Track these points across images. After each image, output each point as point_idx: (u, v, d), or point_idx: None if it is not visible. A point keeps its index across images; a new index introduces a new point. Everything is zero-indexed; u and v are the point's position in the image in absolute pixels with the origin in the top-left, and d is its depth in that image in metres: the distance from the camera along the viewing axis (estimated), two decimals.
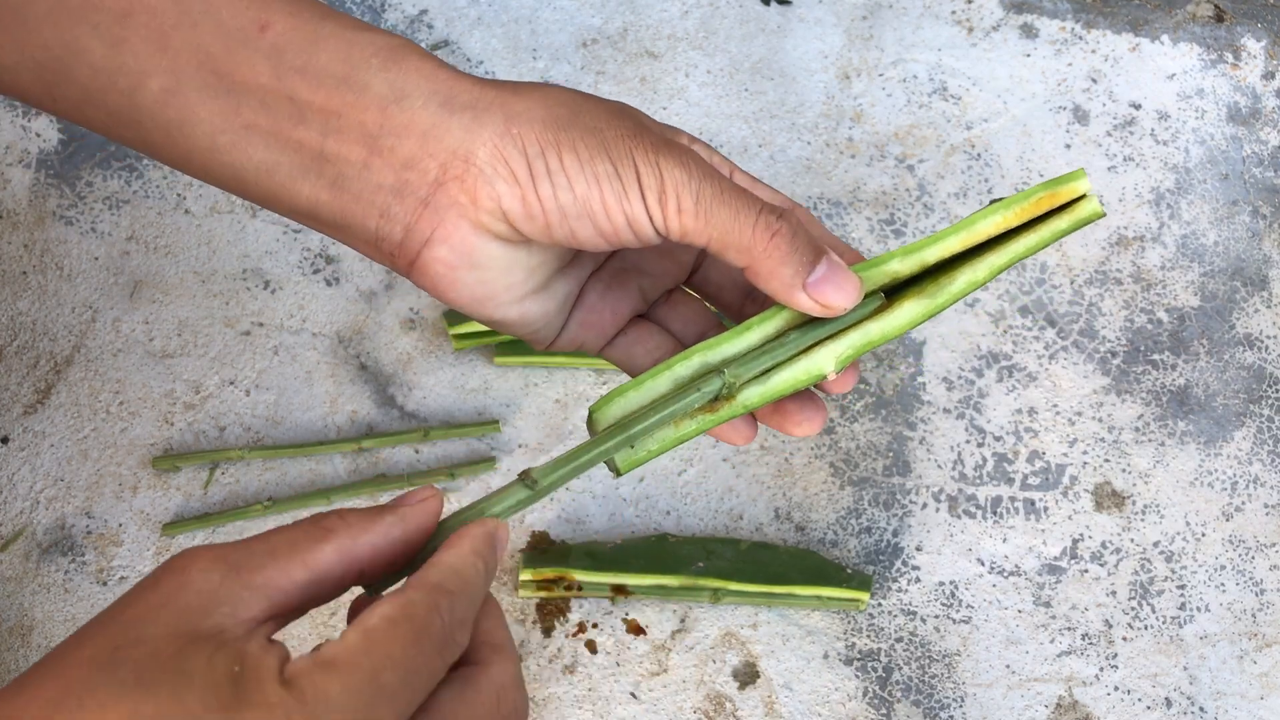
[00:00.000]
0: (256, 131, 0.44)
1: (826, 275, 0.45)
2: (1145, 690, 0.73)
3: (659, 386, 0.48)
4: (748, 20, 0.89)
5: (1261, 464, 0.78)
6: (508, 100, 0.43)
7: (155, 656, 0.35)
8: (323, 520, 0.39)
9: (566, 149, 0.43)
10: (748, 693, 0.72)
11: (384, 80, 0.43)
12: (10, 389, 0.77)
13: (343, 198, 0.44)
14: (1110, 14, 0.91)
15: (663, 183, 0.43)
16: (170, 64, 0.44)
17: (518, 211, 0.43)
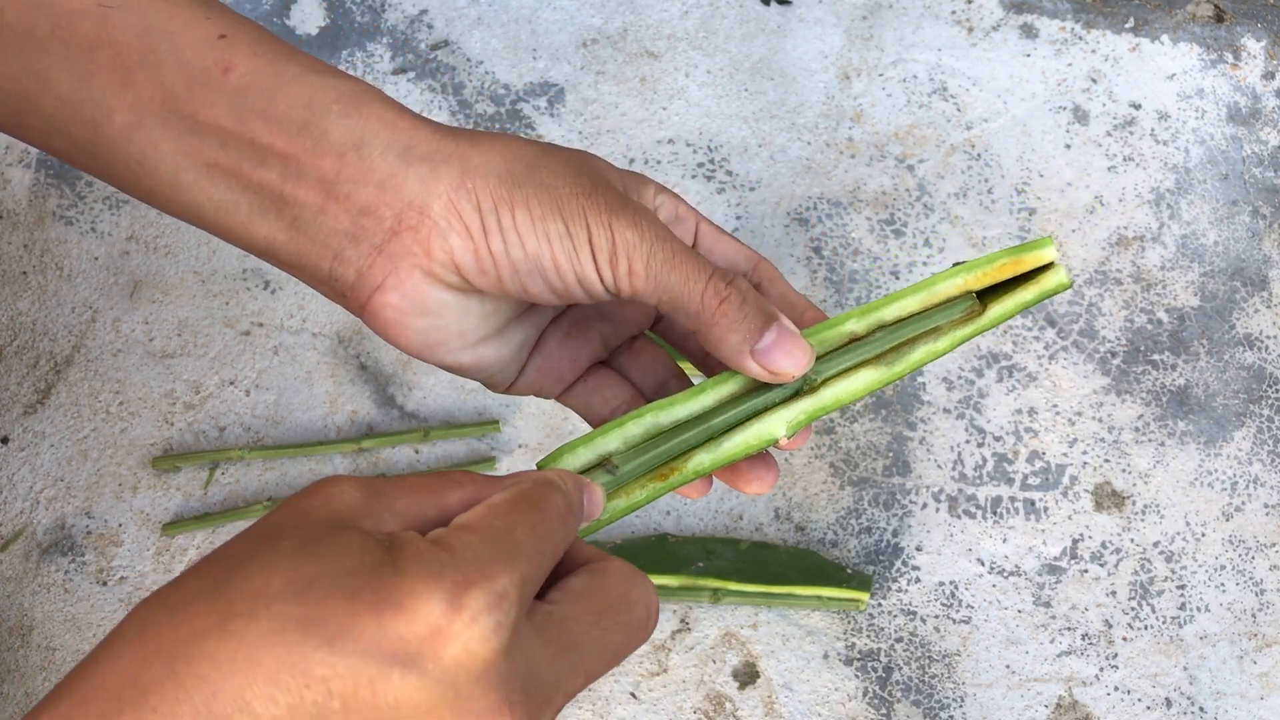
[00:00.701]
0: (217, 170, 0.45)
1: (776, 342, 0.45)
2: (1145, 690, 0.73)
3: (609, 444, 0.48)
4: (748, 20, 0.89)
5: (1261, 464, 0.78)
6: (466, 153, 0.44)
7: (314, 532, 0.37)
8: (453, 474, 0.41)
9: (519, 205, 0.43)
10: (748, 693, 0.72)
11: (343, 127, 0.44)
12: (10, 389, 0.77)
13: (298, 239, 0.45)
14: (1110, 14, 0.91)
15: (614, 244, 0.44)
16: (134, 100, 0.45)
17: (470, 265, 0.44)
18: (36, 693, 0.71)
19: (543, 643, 0.38)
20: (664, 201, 0.48)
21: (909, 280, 0.82)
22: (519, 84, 0.87)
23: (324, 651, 0.35)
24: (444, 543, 0.37)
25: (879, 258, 0.83)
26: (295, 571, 0.36)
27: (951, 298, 0.49)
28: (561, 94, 0.86)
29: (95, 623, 0.72)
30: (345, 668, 0.35)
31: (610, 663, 0.40)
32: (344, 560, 0.36)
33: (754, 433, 0.48)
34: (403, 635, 0.35)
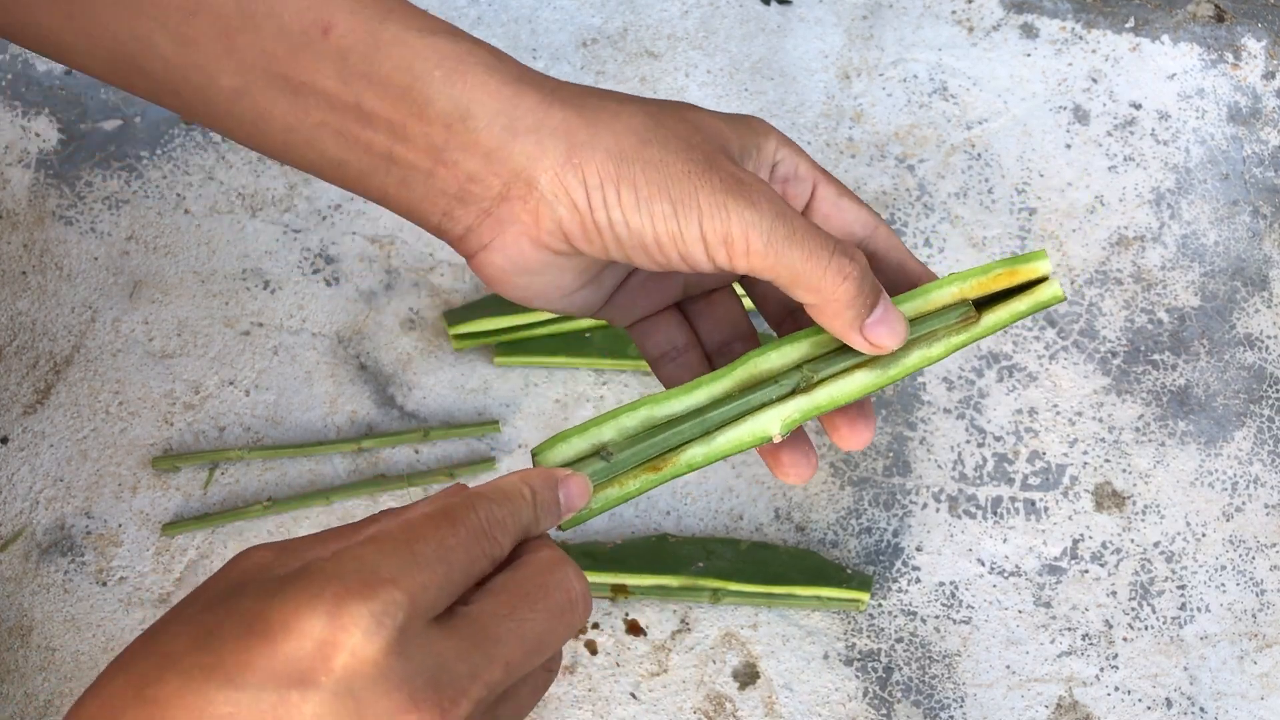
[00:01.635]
0: (326, 130, 0.45)
1: (881, 318, 0.46)
2: (1145, 690, 0.73)
3: (603, 434, 0.48)
4: (748, 20, 0.89)
5: (1262, 464, 0.78)
6: (572, 126, 0.43)
7: (219, 591, 0.38)
8: (377, 514, 0.42)
9: (626, 184, 0.43)
10: (748, 693, 0.72)
11: (447, 96, 0.43)
12: (10, 389, 0.77)
13: (409, 196, 0.45)
14: (1110, 14, 0.91)
15: (729, 224, 0.43)
16: (237, 65, 0.44)
17: (577, 234, 0.44)
18: (36, 693, 0.71)
19: (454, 639, 0.38)
20: (784, 156, 0.48)
21: None
22: None
23: (226, 690, 0.36)
24: (338, 557, 0.38)
25: None
26: (198, 628, 0.37)
27: (947, 305, 0.50)
28: None
29: (95, 623, 0.72)
30: (248, 701, 0.36)
31: (533, 651, 0.39)
32: (241, 605, 0.37)
33: (747, 429, 0.49)
34: (292, 656, 0.36)
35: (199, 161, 0.83)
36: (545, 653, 0.40)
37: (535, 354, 0.78)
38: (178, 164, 0.83)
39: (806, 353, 0.49)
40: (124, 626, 0.72)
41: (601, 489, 0.48)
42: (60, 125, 0.84)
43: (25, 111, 0.84)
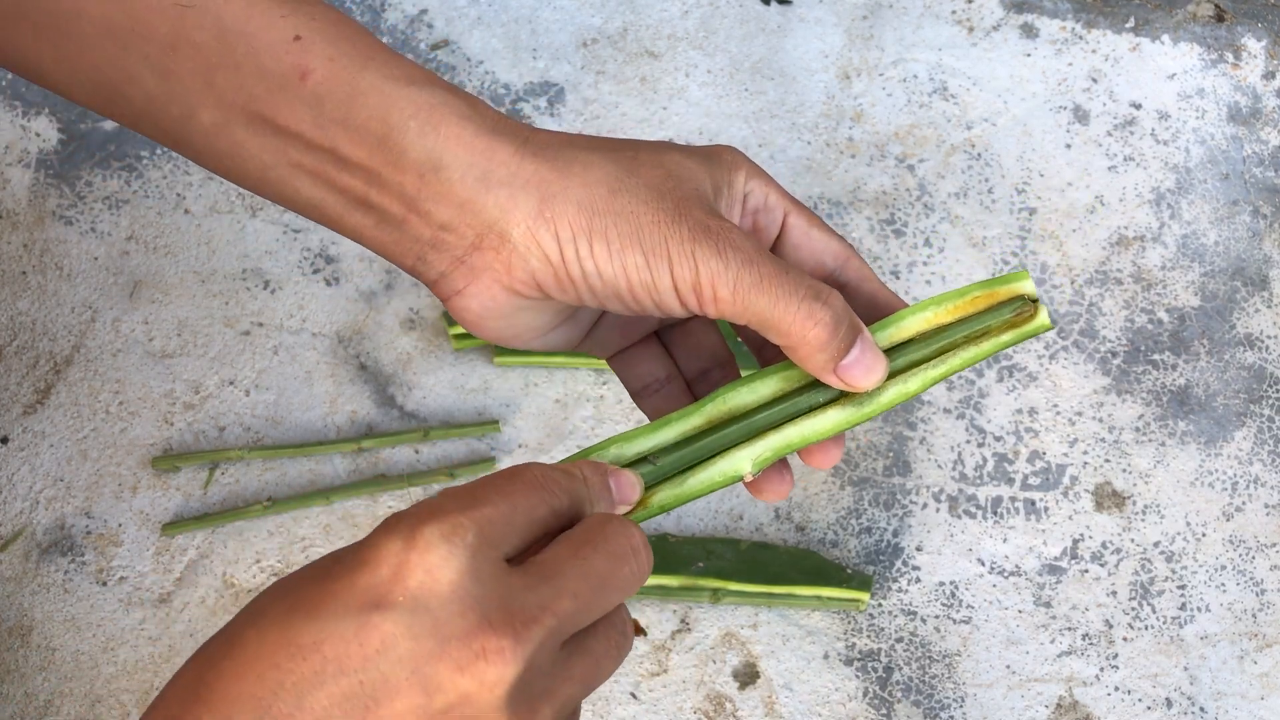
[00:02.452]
0: (303, 171, 0.45)
1: (858, 359, 0.46)
2: (1146, 690, 0.73)
3: None
4: (748, 20, 0.89)
5: (1262, 464, 0.78)
6: (544, 178, 0.44)
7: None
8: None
9: (598, 237, 0.43)
10: (748, 693, 0.72)
11: (421, 147, 0.44)
12: (10, 389, 0.77)
13: (384, 239, 0.46)
14: (1111, 14, 0.91)
15: (697, 274, 0.44)
16: (217, 101, 0.45)
17: (551, 284, 0.45)
18: (36, 693, 0.71)
19: (521, 574, 0.39)
20: (754, 188, 0.48)
21: (909, 280, 0.82)
22: (519, 84, 0.87)
23: (309, 623, 0.38)
24: (415, 506, 0.40)
25: (879, 257, 0.83)
26: (285, 587, 0.40)
27: (922, 333, 0.48)
28: (562, 94, 0.86)
29: (95, 623, 0.72)
30: (330, 630, 0.37)
31: (598, 587, 0.40)
32: (321, 563, 0.40)
33: (719, 469, 0.47)
34: (371, 584, 0.38)
35: None
36: (610, 594, 0.41)
37: (535, 354, 0.78)
38: (178, 164, 0.83)
39: (779, 388, 0.48)
40: (124, 626, 0.72)
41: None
42: (60, 125, 0.84)
43: (25, 111, 0.84)
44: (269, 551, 0.74)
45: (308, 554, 0.74)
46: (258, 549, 0.74)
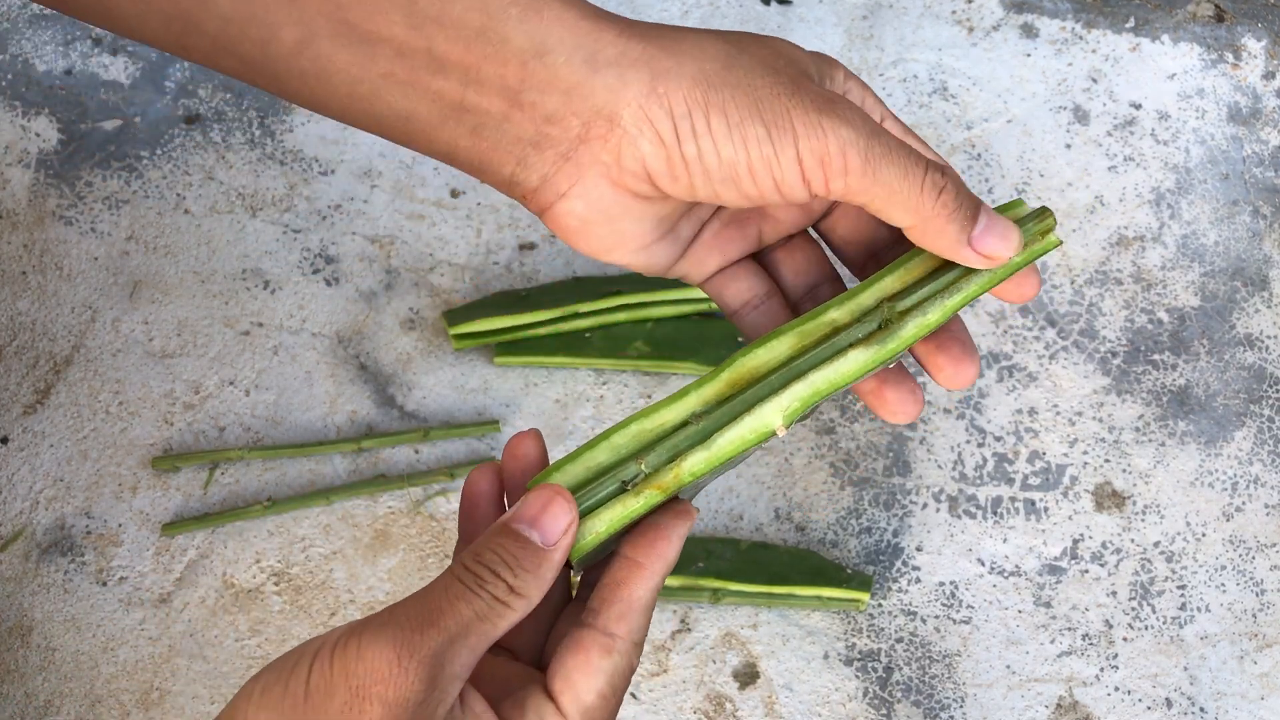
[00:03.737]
0: (394, 80, 0.43)
1: (988, 228, 0.44)
2: (1146, 690, 0.73)
3: (597, 458, 0.46)
4: (748, 20, 0.89)
5: (1262, 464, 0.78)
6: (654, 56, 0.41)
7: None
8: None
9: (715, 110, 0.41)
10: (748, 693, 0.72)
11: (524, 33, 0.41)
12: (10, 389, 0.77)
13: (480, 145, 0.43)
14: (1110, 14, 0.91)
15: (826, 143, 0.41)
16: (300, 15, 0.42)
17: (662, 172, 0.42)
18: (36, 693, 0.71)
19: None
20: (852, 88, 0.46)
21: None
22: None
23: None
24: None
25: None
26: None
27: (931, 270, 0.47)
28: None
29: (95, 623, 0.72)
30: None
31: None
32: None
33: (749, 426, 0.46)
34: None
35: (199, 161, 0.83)
36: None
37: (535, 354, 0.78)
38: (178, 164, 0.83)
39: (795, 344, 0.47)
40: (124, 626, 0.72)
41: (605, 511, 0.46)
42: (60, 125, 0.84)
43: (25, 112, 0.84)
44: (269, 551, 0.74)
45: (307, 554, 0.74)
46: (258, 549, 0.74)
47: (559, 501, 0.41)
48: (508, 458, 0.45)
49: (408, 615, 0.38)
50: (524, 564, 0.40)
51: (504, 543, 0.40)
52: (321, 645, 0.39)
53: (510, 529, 0.41)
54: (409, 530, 0.75)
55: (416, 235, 0.82)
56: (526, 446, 0.45)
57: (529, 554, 0.41)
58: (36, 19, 0.87)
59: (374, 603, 0.73)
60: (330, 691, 0.37)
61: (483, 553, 0.40)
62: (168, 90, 0.85)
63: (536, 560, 0.41)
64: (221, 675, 0.71)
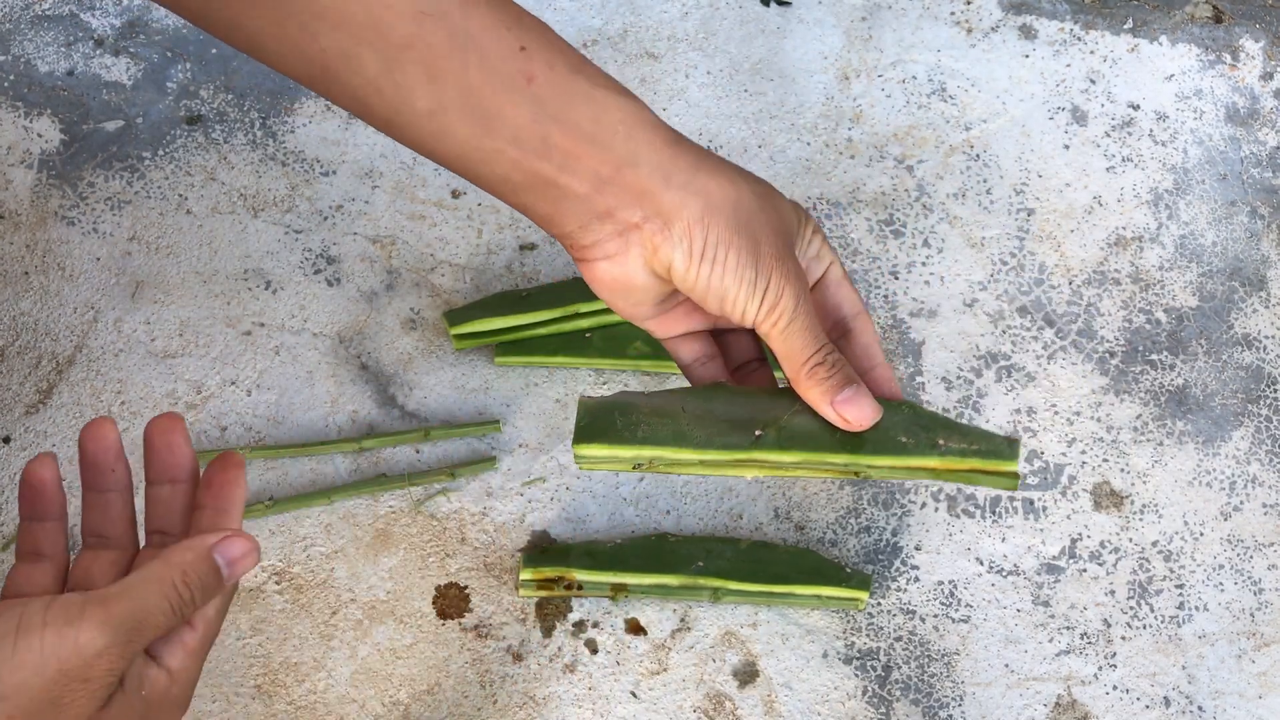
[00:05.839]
0: (503, 155, 0.53)
1: (851, 399, 0.57)
2: (1144, 689, 0.73)
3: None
4: (747, 21, 0.90)
5: (1260, 464, 0.79)
6: (708, 188, 0.54)
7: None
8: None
9: (733, 249, 0.54)
10: (747, 692, 0.72)
11: (625, 146, 0.53)
12: (12, 389, 0.77)
13: (554, 209, 0.55)
14: (1109, 15, 0.91)
15: (779, 302, 0.55)
16: (437, 91, 0.52)
17: (679, 272, 0.55)
18: None
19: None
20: (815, 241, 0.59)
21: (908, 280, 0.82)
22: None
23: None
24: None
25: (878, 258, 0.83)
26: None
27: (918, 466, 0.57)
28: None
29: None
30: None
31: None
32: None
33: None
34: None
35: (201, 162, 0.83)
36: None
37: (535, 354, 0.78)
38: (179, 165, 0.83)
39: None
40: None
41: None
42: (62, 126, 0.84)
43: (27, 112, 0.84)
44: (270, 551, 0.74)
45: (309, 553, 0.74)
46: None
47: (253, 556, 0.52)
48: (87, 438, 0.55)
49: (122, 616, 0.48)
50: (212, 593, 0.51)
51: (206, 570, 0.51)
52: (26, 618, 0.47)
53: (215, 562, 0.51)
54: (410, 529, 0.75)
55: (417, 236, 0.82)
56: (105, 428, 0.55)
57: (218, 584, 0.52)
58: (38, 20, 0.87)
59: (375, 601, 0.73)
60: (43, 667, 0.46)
61: (191, 575, 0.51)
62: (169, 91, 0.86)
63: (220, 590, 0.52)
64: (223, 674, 0.71)
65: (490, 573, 0.74)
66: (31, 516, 0.55)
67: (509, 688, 0.71)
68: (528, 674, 0.72)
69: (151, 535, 0.56)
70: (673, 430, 0.58)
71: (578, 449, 0.58)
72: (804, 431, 0.57)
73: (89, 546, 0.55)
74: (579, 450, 0.58)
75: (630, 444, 0.58)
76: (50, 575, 0.54)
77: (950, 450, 0.57)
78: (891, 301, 0.82)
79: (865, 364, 0.59)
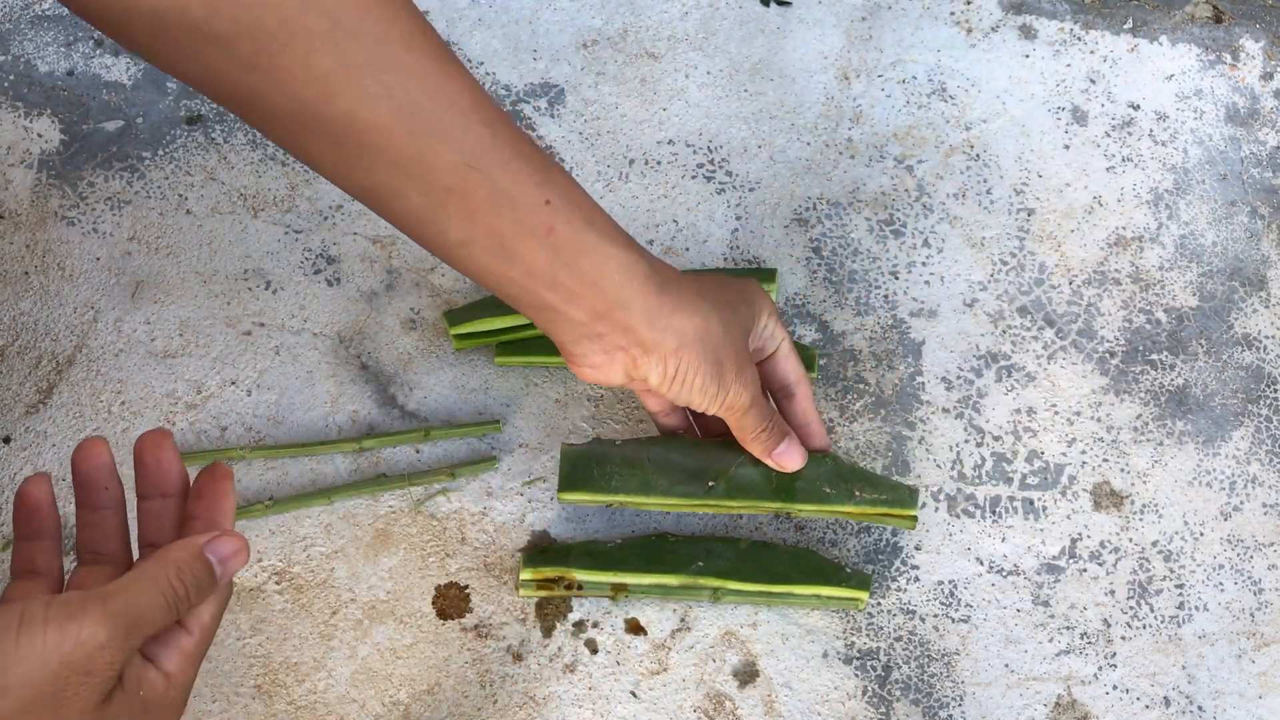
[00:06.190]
0: (517, 283, 0.63)
1: (784, 452, 0.71)
2: (1144, 689, 0.73)
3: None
4: (747, 21, 0.90)
5: (1260, 464, 0.79)
6: (684, 329, 0.65)
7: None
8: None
9: (700, 373, 0.66)
10: (747, 692, 0.72)
11: (619, 292, 0.63)
12: (12, 389, 0.77)
13: (554, 327, 0.65)
14: (1109, 15, 0.91)
15: (735, 404, 0.68)
16: (470, 230, 0.61)
17: (655, 384, 0.66)
18: None
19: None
20: (768, 323, 0.71)
21: (908, 280, 0.82)
22: (520, 85, 0.87)
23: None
24: None
25: (878, 258, 0.83)
26: None
27: (835, 511, 0.73)
28: (562, 95, 0.87)
29: None
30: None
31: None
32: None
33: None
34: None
35: (201, 162, 0.83)
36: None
37: (536, 354, 0.78)
38: (179, 165, 0.83)
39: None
40: None
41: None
42: (62, 126, 0.84)
43: (27, 112, 0.84)
44: (270, 551, 0.74)
45: (309, 553, 0.74)
46: (259, 548, 0.74)
47: (243, 554, 0.54)
48: (79, 458, 0.57)
49: (121, 611, 0.50)
50: (207, 591, 0.53)
51: (200, 568, 0.53)
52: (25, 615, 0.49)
53: (208, 560, 0.53)
54: (410, 529, 0.75)
55: None
56: (98, 448, 0.57)
57: (212, 582, 0.53)
58: (38, 20, 0.87)
59: (375, 601, 0.73)
60: (45, 659, 0.48)
61: (185, 572, 0.53)
62: (169, 91, 0.86)
63: (214, 587, 0.54)
64: (223, 674, 0.71)
65: (490, 573, 0.74)
66: (26, 536, 0.56)
67: (509, 688, 0.71)
68: (528, 674, 0.72)
69: (145, 549, 0.57)
70: (640, 480, 0.72)
71: (562, 496, 0.72)
72: (747, 482, 0.72)
73: (84, 563, 0.56)
74: (563, 497, 0.72)
75: (605, 492, 0.72)
76: (46, 591, 0.55)
77: (864, 500, 0.72)
78: (891, 301, 0.82)
79: (802, 420, 0.73)
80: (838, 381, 0.80)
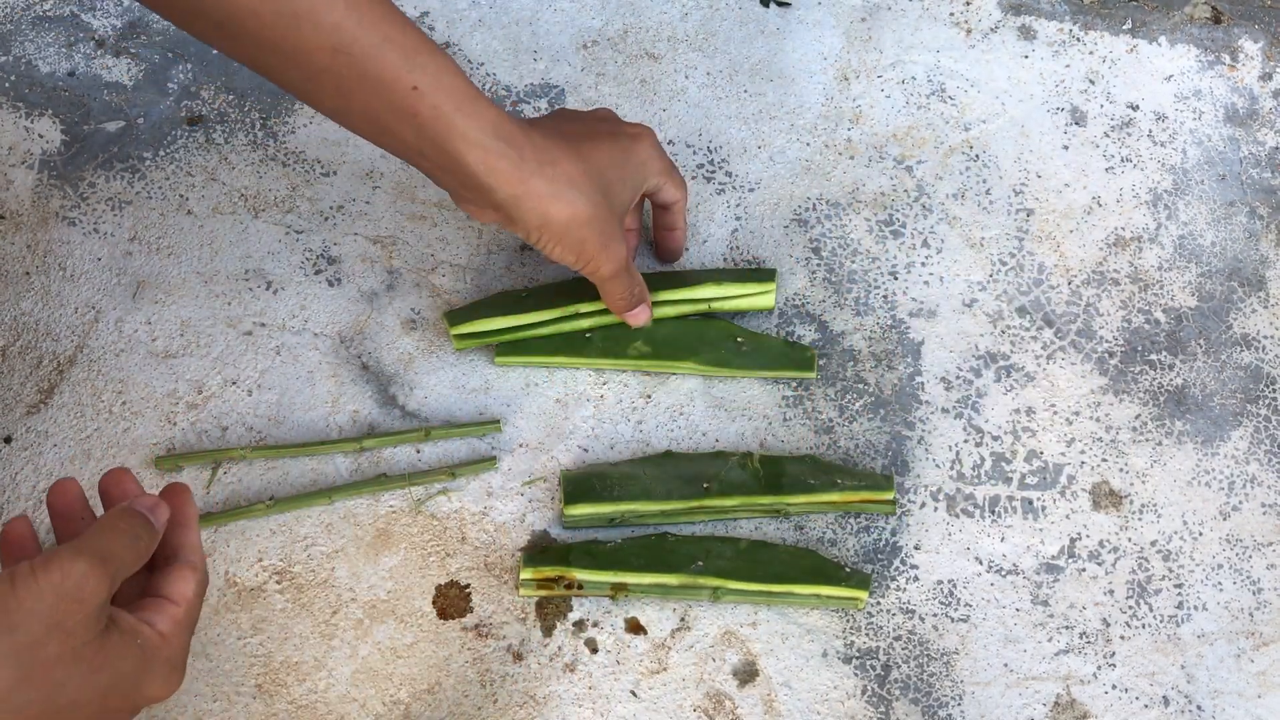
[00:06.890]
0: (394, 150, 0.68)
1: (636, 313, 0.77)
2: (1143, 689, 0.73)
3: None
4: (747, 22, 0.90)
5: (1259, 463, 0.79)
6: (549, 212, 0.69)
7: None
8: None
9: (561, 247, 0.71)
10: (747, 691, 0.72)
11: (484, 176, 0.67)
12: (13, 389, 0.77)
13: (432, 179, 0.70)
14: (1108, 15, 0.91)
15: (591, 270, 0.73)
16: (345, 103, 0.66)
17: (526, 239, 0.72)
18: None
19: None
20: (657, 180, 0.76)
21: (907, 280, 0.82)
22: (520, 85, 0.87)
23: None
24: None
25: (878, 258, 0.83)
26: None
27: (821, 501, 0.75)
28: (562, 95, 0.87)
29: None
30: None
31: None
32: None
33: None
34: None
35: (201, 163, 0.83)
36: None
37: (536, 354, 0.78)
38: (180, 165, 0.83)
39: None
40: None
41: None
42: (63, 126, 0.84)
43: (28, 113, 0.84)
44: (271, 550, 0.74)
45: (310, 553, 0.74)
46: (260, 548, 0.74)
47: (162, 507, 0.60)
48: (54, 497, 0.62)
49: (91, 548, 0.55)
50: (150, 536, 0.59)
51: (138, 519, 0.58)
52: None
53: (138, 511, 0.59)
54: (410, 529, 0.75)
55: (418, 236, 0.82)
56: (69, 485, 0.62)
57: (151, 530, 0.59)
58: (39, 20, 0.87)
59: (375, 600, 0.73)
60: (40, 596, 0.53)
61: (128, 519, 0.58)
62: (170, 92, 0.86)
63: (155, 535, 0.59)
64: (224, 673, 0.71)
65: (490, 572, 0.74)
66: (61, 535, 0.62)
67: (509, 687, 0.72)
68: (528, 673, 0.72)
69: None
70: (640, 488, 0.74)
71: (567, 510, 0.73)
72: (738, 481, 0.75)
73: None
74: (569, 510, 0.73)
75: (608, 501, 0.74)
76: None
77: (846, 486, 0.75)
78: (891, 301, 0.82)
79: (669, 225, 0.79)
80: (837, 381, 0.80)
